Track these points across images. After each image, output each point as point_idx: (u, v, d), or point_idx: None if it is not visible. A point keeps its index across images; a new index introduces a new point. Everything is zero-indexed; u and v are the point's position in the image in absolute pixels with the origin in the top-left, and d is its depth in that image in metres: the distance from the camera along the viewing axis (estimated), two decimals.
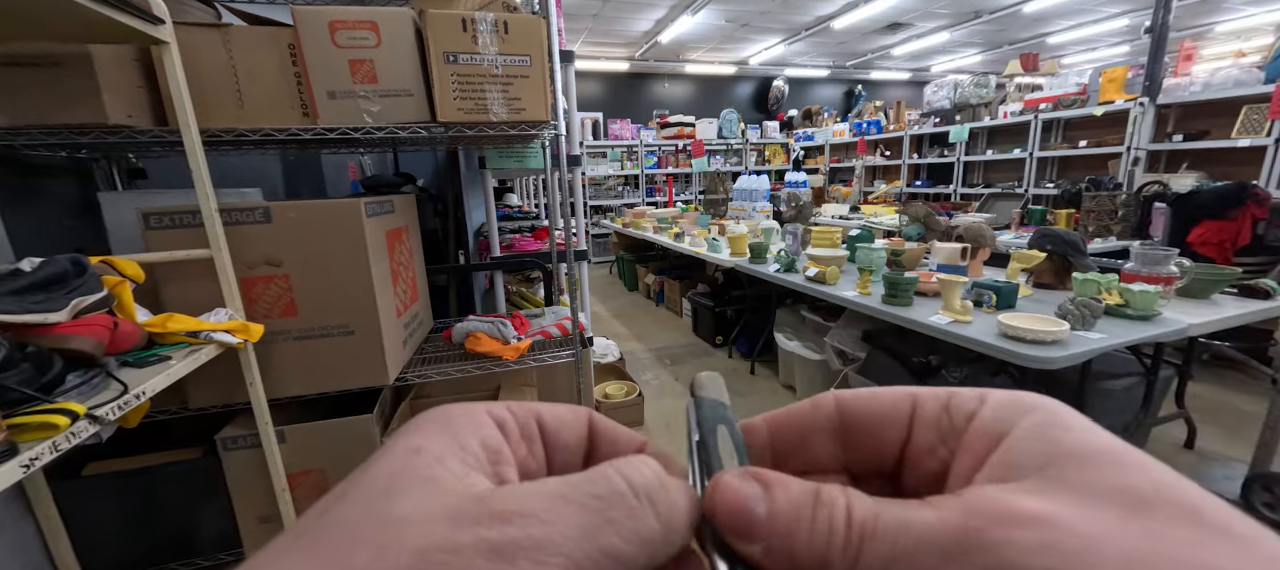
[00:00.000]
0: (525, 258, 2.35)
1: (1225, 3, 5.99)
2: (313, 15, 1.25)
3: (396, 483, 0.14)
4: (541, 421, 0.18)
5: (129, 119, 1.19)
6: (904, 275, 1.98)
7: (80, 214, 1.57)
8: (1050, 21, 6.71)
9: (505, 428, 0.17)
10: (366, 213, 1.35)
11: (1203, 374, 2.83)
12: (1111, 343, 1.54)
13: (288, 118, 1.32)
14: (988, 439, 0.15)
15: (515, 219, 3.17)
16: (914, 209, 3.24)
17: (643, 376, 3.11)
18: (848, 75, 9.18)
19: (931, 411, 0.17)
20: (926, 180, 6.20)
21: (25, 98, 1.10)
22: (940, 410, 0.17)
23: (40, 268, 0.98)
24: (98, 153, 1.56)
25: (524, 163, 2.13)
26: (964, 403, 0.16)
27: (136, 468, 1.42)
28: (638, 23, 6.38)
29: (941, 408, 0.17)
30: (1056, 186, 4.48)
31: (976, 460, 0.15)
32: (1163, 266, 1.89)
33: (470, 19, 1.32)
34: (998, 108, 5.33)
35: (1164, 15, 3.49)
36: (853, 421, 0.18)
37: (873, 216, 4.87)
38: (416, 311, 1.78)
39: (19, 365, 0.85)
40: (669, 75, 8.44)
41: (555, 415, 0.19)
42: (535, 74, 1.41)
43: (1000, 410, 0.15)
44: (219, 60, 1.25)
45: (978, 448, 0.15)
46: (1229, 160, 3.55)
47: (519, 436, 0.17)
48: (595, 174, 7.32)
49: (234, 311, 1.23)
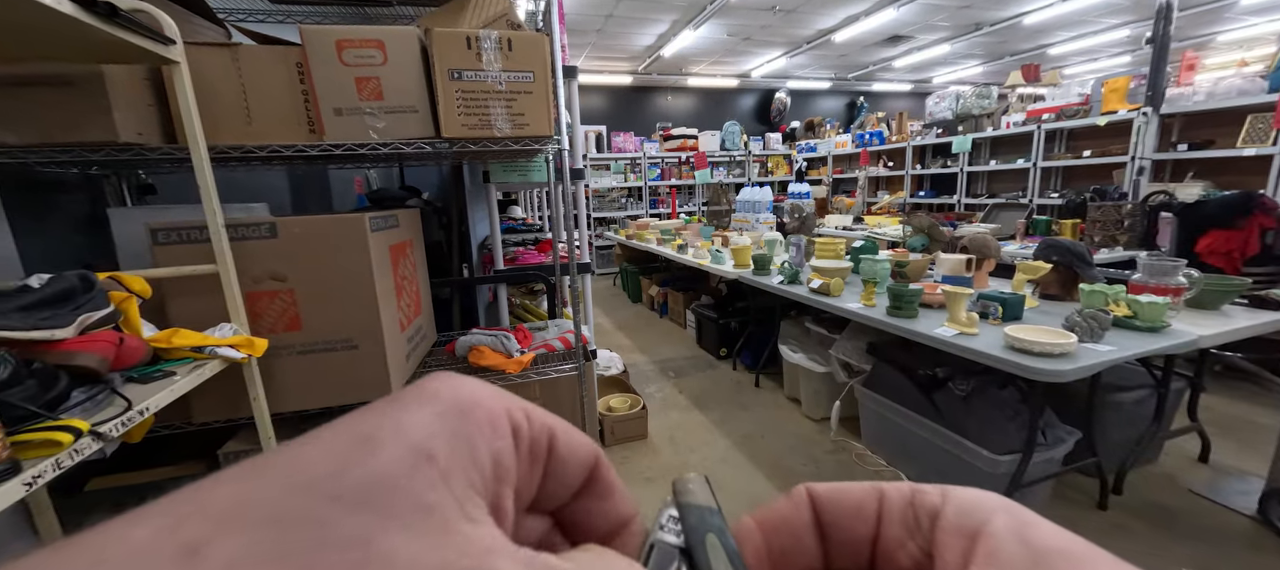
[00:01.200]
0: (528, 271, 2.35)
1: (1226, 13, 6.01)
2: (321, 34, 1.27)
3: (394, 498, 0.13)
4: (553, 443, 0.17)
5: (139, 137, 1.21)
6: (909, 287, 1.97)
7: (90, 229, 1.59)
8: (1051, 33, 6.74)
9: (519, 438, 0.16)
10: (371, 227, 1.36)
11: (1215, 386, 2.79)
12: (1121, 355, 1.52)
13: (295, 134, 1.34)
14: (963, 537, 0.16)
15: (519, 231, 3.19)
16: (918, 220, 3.23)
17: (646, 389, 3.09)
18: (849, 87, 9.24)
19: (897, 507, 0.17)
20: (930, 190, 6.20)
21: (39, 117, 1.12)
22: (906, 505, 0.17)
23: (49, 284, 0.99)
24: (108, 169, 1.59)
25: (528, 176, 2.15)
26: (927, 499, 0.17)
27: (140, 483, 1.42)
28: (641, 37, 6.46)
29: (907, 503, 0.17)
30: (1061, 196, 4.46)
31: (961, 559, 0.15)
32: (1171, 277, 1.87)
33: (475, 37, 1.34)
34: (1000, 118, 5.34)
35: (1165, 26, 3.50)
36: (826, 516, 0.18)
37: (876, 227, 4.87)
38: (420, 325, 1.78)
39: (24, 382, 0.86)
40: (672, 88, 8.52)
41: (568, 442, 0.18)
42: (538, 89, 1.42)
43: (965, 509, 0.16)
44: (228, 79, 1.27)
45: (956, 546, 0.16)
46: (1235, 169, 3.53)
47: (527, 455, 0.17)
48: (599, 186, 7.36)
49: (239, 326, 1.24)
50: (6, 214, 1.33)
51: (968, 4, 5.58)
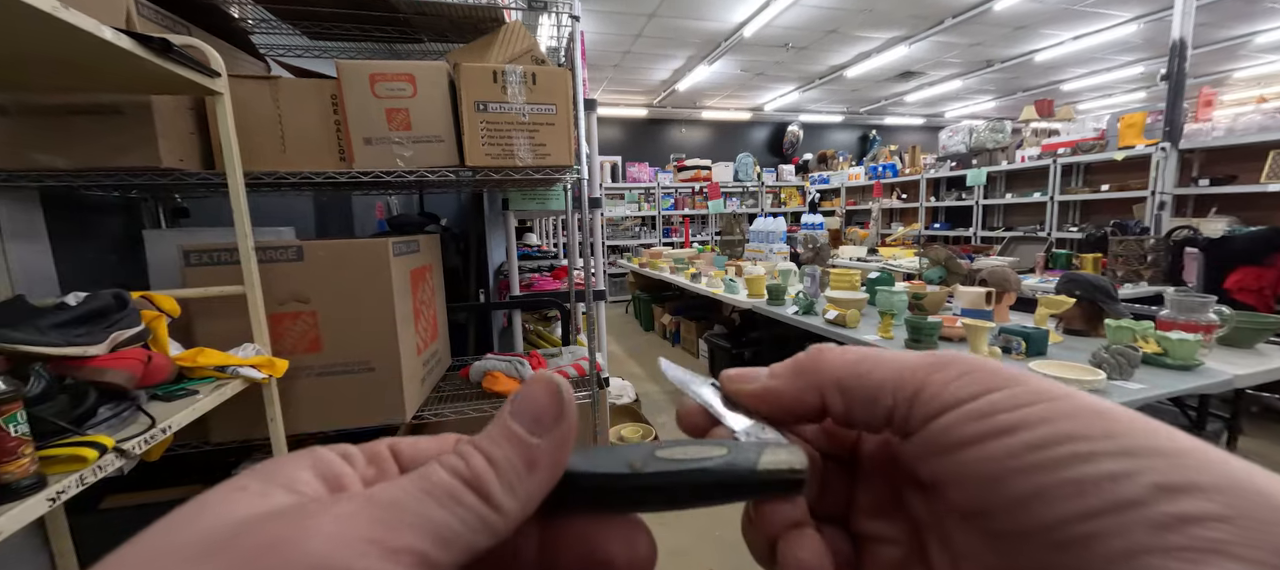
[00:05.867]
0: (544, 297, 2.37)
1: (1241, 50, 6.01)
2: (355, 69, 1.34)
3: (202, 507, 0.14)
4: (396, 450, 0.18)
5: (180, 163, 1.26)
6: (927, 320, 1.94)
7: (124, 250, 1.64)
8: (1063, 69, 6.79)
9: (348, 455, 0.17)
10: (394, 252, 1.39)
11: (1253, 428, 2.67)
12: (1154, 393, 1.47)
13: (325, 162, 1.39)
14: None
15: (534, 258, 3.22)
16: (935, 252, 3.21)
17: (658, 418, 3.04)
18: (862, 121, 9.34)
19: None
20: (945, 223, 6.16)
21: (89, 143, 1.18)
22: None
23: (85, 302, 1.02)
24: (147, 193, 1.65)
25: (546, 204, 2.19)
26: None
27: (155, 501, 1.42)
28: (657, 72, 6.65)
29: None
30: (1080, 230, 4.40)
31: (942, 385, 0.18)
32: (1201, 314, 1.81)
33: (501, 71, 1.39)
34: (1015, 152, 5.33)
35: (1180, 63, 3.51)
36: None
37: (891, 259, 4.83)
38: (436, 349, 1.80)
39: (56, 397, 0.87)
40: (686, 121, 8.69)
41: (414, 445, 0.18)
42: (560, 121, 1.47)
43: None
44: (266, 109, 1.33)
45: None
46: (1261, 205, 3.46)
47: (365, 462, 0.17)
48: (613, 214, 7.45)
49: (261, 346, 1.26)
50: (49, 234, 1.38)
51: (979, 41, 5.67)
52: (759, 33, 5.12)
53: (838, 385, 0.19)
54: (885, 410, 0.18)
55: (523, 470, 0.16)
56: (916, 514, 0.20)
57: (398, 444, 0.18)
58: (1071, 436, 0.15)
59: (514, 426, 0.16)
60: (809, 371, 0.20)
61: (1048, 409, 0.16)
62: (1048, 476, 0.15)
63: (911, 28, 5.26)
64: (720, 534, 2.07)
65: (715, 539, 2.06)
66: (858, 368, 0.19)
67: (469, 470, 0.15)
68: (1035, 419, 0.15)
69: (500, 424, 0.17)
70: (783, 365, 0.21)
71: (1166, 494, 0.13)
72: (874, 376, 0.19)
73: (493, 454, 0.16)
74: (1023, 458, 0.15)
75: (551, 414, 0.17)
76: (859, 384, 0.19)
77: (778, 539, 0.19)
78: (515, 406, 0.17)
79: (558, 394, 0.17)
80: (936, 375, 0.18)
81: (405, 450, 0.18)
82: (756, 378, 0.21)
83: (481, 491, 0.15)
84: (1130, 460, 0.14)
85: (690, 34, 5.32)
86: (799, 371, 0.20)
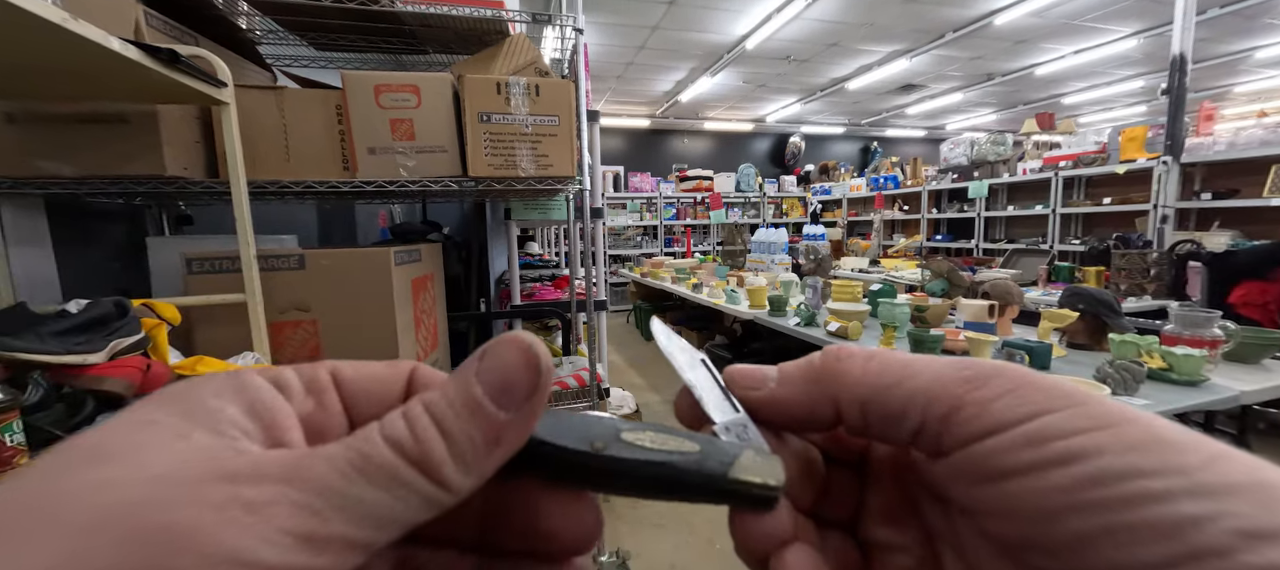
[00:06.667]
0: (545, 306, 2.36)
1: (1241, 65, 6.04)
2: (361, 79, 1.35)
3: (102, 452, 0.11)
4: (338, 375, 0.16)
5: (185, 171, 1.27)
6: (930, 332, 1.93)
7: (128, 257, 1.65)
8: (1063, 83, 6.82)
9: (283, 384, 0.15)
10: (395, 261, 1.39)
11: (1261, 444, 2.64)
12: (1159, 409, 1.46)
13: (329, 171, 1.39)
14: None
15: (536, 267, 3.22)
16: (937, 264, 3.20)
17: None
18: (863, 132, 9.38)
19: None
20: (947, 235, 6.16)
21: (94, 151, 1.19)
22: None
23: (86, 309, 1.02)
24: (151, 201, 1.66)
25: (548, 214, 2.19)
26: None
27: None
28: (659, 83, 6.70)
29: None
30: (1083, 243, 4.40)
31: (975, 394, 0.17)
32: (1205, 329, 1.80)
33: (504, 82, 1.40)
34: (1016, 164, 5.35)
35: (1181, 77, 3.53)
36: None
37: (893, 270, 4.83)
38: (436, 358, 1.79)
39: (52, 405, 0.87)
40: (688, 131, 8.74)
41: (362, 369, 0.16)
42: (563, 132, 1.47)
43: None
44: (271, 118, 1.34)
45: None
46: (1265, 219, 3.46)
47: (303, 392, 0.15)
48: (615, 224, 7.47)
49: (261, 355, 1.25)
50: (52, 240, 1.39)
51: (979, 55, 5.70)
52: (761, 45, 5.16)
53: (858, 400, 0.18)
54: (912, 429, 0.17)
55: (482, 447, 0.14)
56: (931, 522, 0.18)
57: (340, 370, 0.16)
58: (1140, 471, 0.13)
59: (478, 393, 0.14)
60: (825, 380, 0.18)
61: (1112, 436, 0.14)
62: (1112, 517, 0.13)
63: (913, 42, 5.30)
64: (721, 547, 2.04)
65: (716, 553, 2.03)
66: (882, 380, 0.17)
67: (416, 447, 0.13)
68: (1096, 448, 0.14)
69: (462, 387, 0.14)
70: (794, 368, 0.19)
71: (1250, 542, 0.12)
72: (901, 391, 0.17)
73: (448, 425, 0.14)
74: (1083, 493, 0.13)
75: (524, 386, 0.14)
76: (883, 399, 0.17)
77: (768, 557, 0.18)
78: (482, 369, 0.14)
79: (534, 362, 0.14)
80: (976, 393, 0.16)
81: (348, 378, 0.16)
82: (763, 382, 0.19)
83: (429, 471, 0.13)
84: (1209, 502, 0.12)
85: (693, 46, 5.37)
86: (814, 378, 0.18)
